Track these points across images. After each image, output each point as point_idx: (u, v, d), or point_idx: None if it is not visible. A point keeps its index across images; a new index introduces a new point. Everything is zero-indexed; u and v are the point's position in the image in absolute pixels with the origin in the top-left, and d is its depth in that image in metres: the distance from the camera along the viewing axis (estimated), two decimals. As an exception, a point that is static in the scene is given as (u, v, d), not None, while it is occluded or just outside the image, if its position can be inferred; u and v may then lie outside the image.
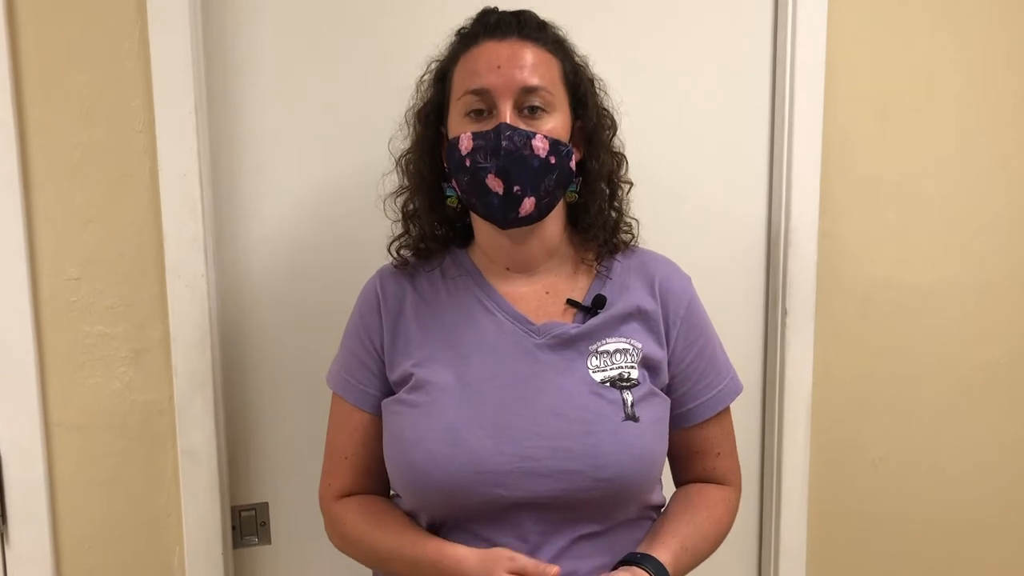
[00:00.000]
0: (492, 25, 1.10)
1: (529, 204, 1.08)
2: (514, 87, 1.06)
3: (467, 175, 1.08)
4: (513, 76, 1.06)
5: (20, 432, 1.29)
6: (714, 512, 1.18)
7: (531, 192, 1.07)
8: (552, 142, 1.07)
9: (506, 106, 1.06)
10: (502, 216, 1.08)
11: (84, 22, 1.26)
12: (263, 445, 1.45)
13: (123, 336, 1.32)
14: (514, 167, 1.05)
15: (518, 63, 1.07)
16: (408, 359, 1.13)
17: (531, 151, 1.06)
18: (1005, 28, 1.60)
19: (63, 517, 1.33)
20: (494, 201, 1.07)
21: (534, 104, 1.07)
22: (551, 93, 1.08)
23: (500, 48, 1.08)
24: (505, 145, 1.05)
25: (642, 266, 1.19)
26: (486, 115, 1.08)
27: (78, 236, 1.29)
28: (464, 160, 1.07)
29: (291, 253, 1.42)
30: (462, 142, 1.07)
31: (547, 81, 1.08)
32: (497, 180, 1.06)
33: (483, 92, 1.07)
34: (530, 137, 1.06)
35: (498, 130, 1.05)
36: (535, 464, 1.04)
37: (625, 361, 1.11)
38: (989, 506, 1.72)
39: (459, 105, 1.09)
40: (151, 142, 1.29)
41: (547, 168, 1.07)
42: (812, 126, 1.54)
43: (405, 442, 1.08)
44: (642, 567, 1.04)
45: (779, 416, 1.59)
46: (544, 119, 1.08)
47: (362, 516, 1.16)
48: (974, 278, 1.66)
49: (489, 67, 1.07)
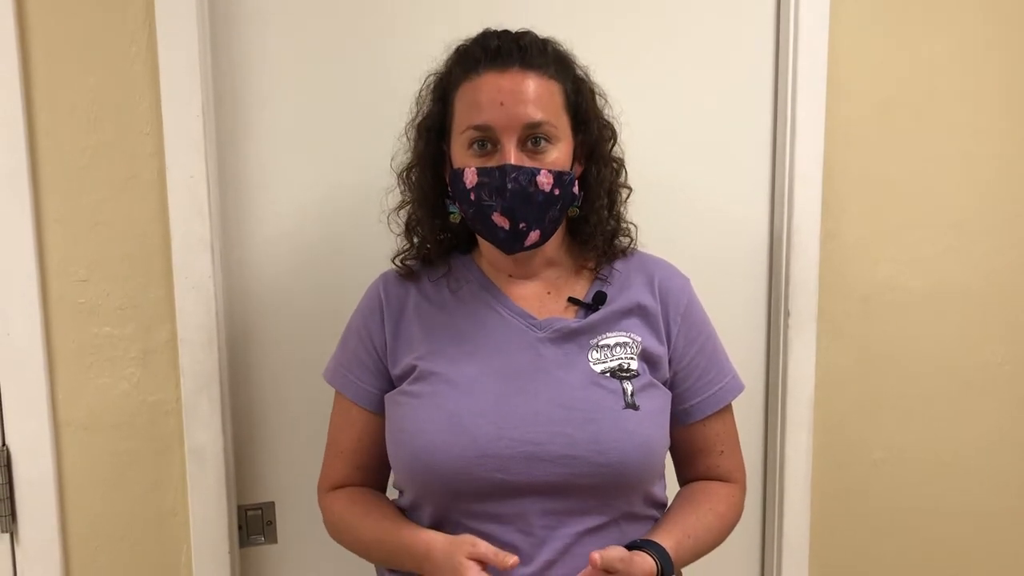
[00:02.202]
0: (493, 52, 1.09)
1: (535, 236, 1.10)
2: (517, 124, 1.06)
3: (472, 208, 1.09)
4: (516, 113, 1.06)
5: (29, 432, 1.30)
6: (718, 506, 1.19)
7: (536, 226, 1.09)
8: (556, 175, 1.08)
9: (510, 143, 1.06)
10: (508, 247, 1.11)
11: (92, 25, 1.27)
12: (269, 445, 1.46)
13: (131, 337, 1.33)
14: (520, 205, 1.07)
15: (521, 97, 1.07)
16: (411, 354, 1.14)
17: (536, 187, 1.07)
18: (1007, 28, 1.60)
19: (71, 516, 1.34)
20: (500, 235, 1.09)
21: (537, 136, 1.08)
22: (554, 125, 1.09)
23: (502, 81, 1.07)
24: (511, 187, 1.06)
25: (642, 267, 1.21)
26: (489, 148, 1.08)
27: (86, 238, 1.30)
28: (469, 194, 1.09)
29: (298, 254, 1.42)
30: (467, 176, 1.08)
31: (550, 113, 1.09)
32: (503, 218, 1.08)
33: (486, 128, 1.07)
34: (535, 174, 1.07)
35: (503, 171, 1.06)
36: (536, 449, 1.06)
37: (625, 353, 1.13)
38: (991, 506, 1.73)
39: (462, 138, 1.10)
40: (159, 144, 1.30)
41: (552, 201, 1.09)
42: (814, 127, 1.54)
43: (408, 431, 1.10)
44: (645, 551, 1.05)
45: (782, 417, 1.60)
46: (548, 151, 1.09)
47: (349, 506, 1.18)
48: (976, 279, 1.66)
49: (492, 103, 1.07)
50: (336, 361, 1.22)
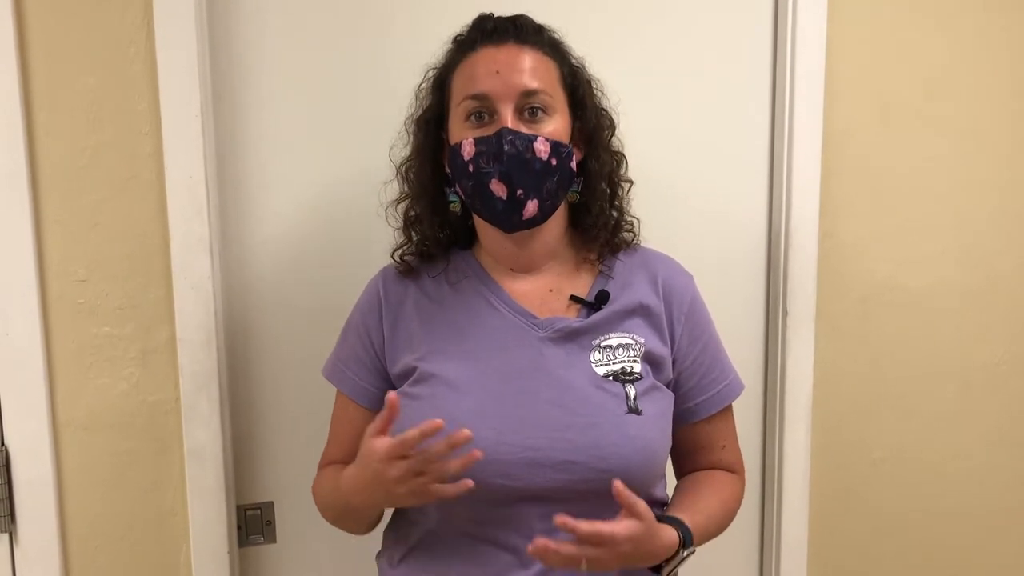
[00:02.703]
0: (489, 31, 1.11)
1: (532, 207, 1.09)
2: (514, 91, 1.07)
3: (470, 180, 1.09)
4: (512, 80, 1.07)
5: (28, 432, 1.30)
6: (722, 493, 1.20)
7: (534, 195, 1.08)
8: (553, 144, 1.08)
9: (507, 110, 1.07)
10: (506, 220, 1.10)
11: (91, 26, 1.27)
12: (269, 445, 1.46)
13: (130, 337, 1.33)
14: (517, 171, 1.06)
15: (517, 67, 1.08)
16: (411, 353, 1.14)
17: (533, 154, 1.07)
18: (1004, 29, 1.61)
19: (71, 516, 1.34)
20: (498, 206, 1.09)
21: (534, 106, 1.08)
22: (550, 95, 1.10)
23: (498, 53, 1.09)
24: (507, 149, 1.06)
25: (644, 264, 1.20)
26: (487, 120, 1.09)
27: (85, 238, 1.30)
28: (467, 165, 1.08)
29: (296, 255, 1.43)
30: (464, 148, 1.09)
31: (546, 84, 1.09)
32: (500, 184, 1.07)
33: (483, 97, 1.08)
34: (532, 140, 1.07)
35: (500, 135, 1.06)
36: (537, 454, 1.05)
37: (628, 355, 1.12)
38: (990, 506, 1.73)
39: (459, 111, 1.11)
40: (158, 145, 1.30)
41: (549, 170, 1.08)
42: (812, 127, 1.54)
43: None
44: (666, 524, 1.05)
45: (780, 417, 1.60)
46: (545, 121, 1.09)
47: (327, 477, 1.19)
48: (974, 279, 1.66)
49: (488, 72, 1.08)
50: (335, 357, 1.22)
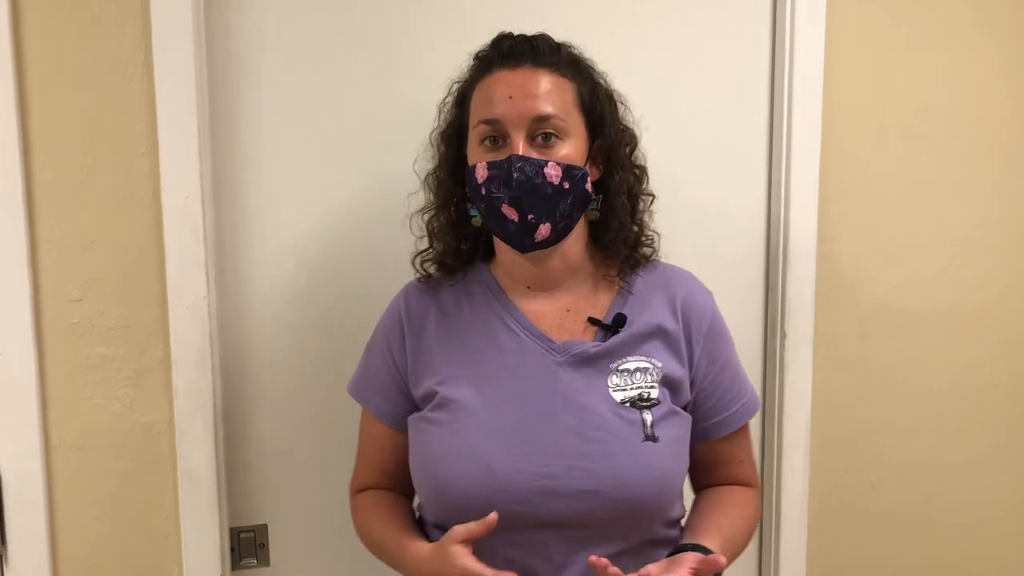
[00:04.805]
0: (506, 52, 1.13)
1: (545, 230, 1.10)
2: (526, 117, 1.08)
3: (484, 203, 1.11)
4: (525, 106, 1.08)
5: (20, 453, 1.29)
6: (744, 508, 1.20)
7: (546, 219, 1.09)
8: (565, 167, 1.09)
9: (519, 136, 1.08)
10: (519, 242, 1.11)
11: (88, 45, 1.27)
12: (263, 467, 1.45)
13: (124, 357, 1.32)
14: (527, 196, 1.08)
15: (530, 92, 1.09)
16: (432, 377, 1.15)
17: (544, 179, 1.08)
18: (1003, 47, 1.61)
19: (63, 538, 1.33)
20: (511, 228, 1.10)
21: (547, 132, 1.09)
22: (564, 120, 1.10)
23: (513, 77, 1.10)
24: (516, 176, 1.07)
25: (664, 283, 1.21)
26: (500, 144, 1.10)
27: (80, 257, 1.29)
28: (480, 188, 1.10)
29: (292, 275, 1.42)
30: (478, 171, 1.10)
31: (559, 108, 1.10)
32: (511, 209, 1.08)
33: (495, 122, 1.09)
34: (542, 166, 1.08)
35: (509, 161, 1.07)
36: (553, 483, 1.06)
37: (645, 380, 1.12)
38: (989, 529, 1.72)
39: (475, 134, 1.12)
40: (154, 164, 1.30)
41: (561, 193, 1.09)
42: (810, 148, 1.54)
43: (429, 459, 1.12)
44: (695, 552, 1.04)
45: (778, 439, 1.59)
46: (557, 146, 1.10)
47: (368, 509, 1.22)
48: (972, 300, 1.66)
49: (501, 97, 1.09)
50: (359, 374, 1.25)
